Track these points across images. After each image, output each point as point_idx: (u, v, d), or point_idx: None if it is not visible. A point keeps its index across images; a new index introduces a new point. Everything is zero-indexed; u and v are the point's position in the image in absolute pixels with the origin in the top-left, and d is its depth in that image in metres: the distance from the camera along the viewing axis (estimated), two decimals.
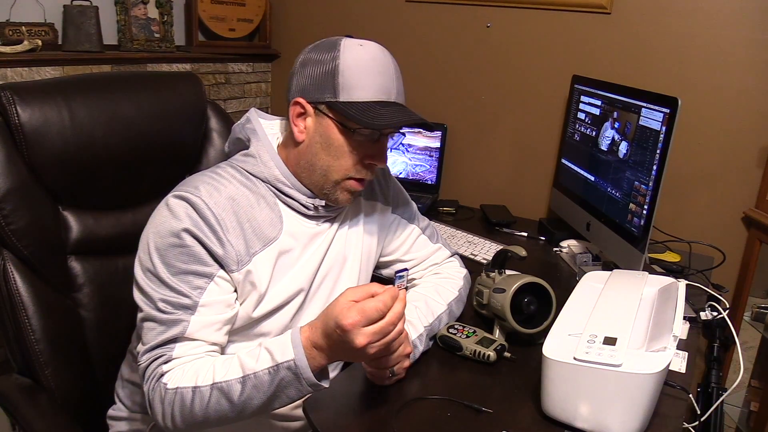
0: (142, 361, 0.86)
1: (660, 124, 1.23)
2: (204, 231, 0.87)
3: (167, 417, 0.84)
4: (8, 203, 0.96)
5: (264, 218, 0.95)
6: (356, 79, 0.90)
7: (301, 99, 0.93)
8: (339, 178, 0.95)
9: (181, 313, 0.86)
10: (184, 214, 0.87)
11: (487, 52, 1.98)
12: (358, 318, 0.76)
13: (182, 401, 0.82)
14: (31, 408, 0.99)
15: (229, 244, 0.89)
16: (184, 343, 0.86)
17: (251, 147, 0.98)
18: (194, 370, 0.84)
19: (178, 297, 0.86)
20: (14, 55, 1.50)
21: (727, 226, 1.73)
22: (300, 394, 0.82)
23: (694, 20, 1.67)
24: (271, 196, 0.97)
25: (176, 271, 0.86)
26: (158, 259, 0.87)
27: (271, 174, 0.96)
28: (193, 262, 0.87)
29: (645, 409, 0.82)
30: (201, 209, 0.88)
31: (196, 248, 0.87)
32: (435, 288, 1.14)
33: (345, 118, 0.91)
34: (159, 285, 0.87)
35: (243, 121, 1.02)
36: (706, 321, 1.27)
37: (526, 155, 1.99)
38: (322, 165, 0.94)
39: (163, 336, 0.85)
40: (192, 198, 0.88)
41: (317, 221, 1.01)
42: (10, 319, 0.99)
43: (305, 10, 2.26)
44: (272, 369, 0.80)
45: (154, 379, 0.85)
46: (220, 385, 0.81)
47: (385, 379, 0.93)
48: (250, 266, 0.91)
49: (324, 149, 0.94)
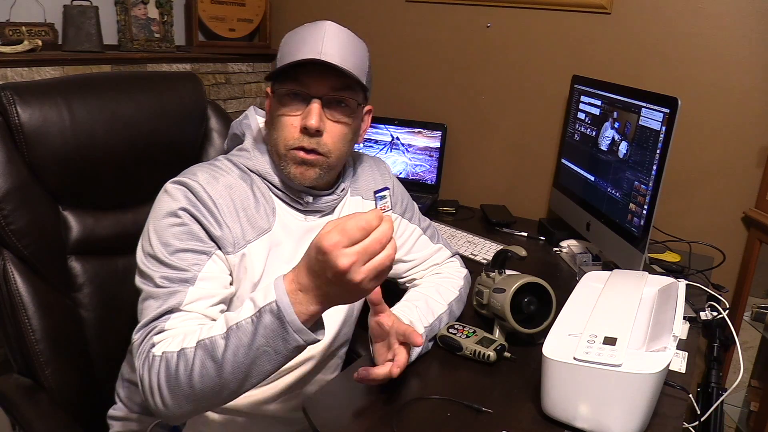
0: (136, 338, 0.83)
1: (660, 124, 1.23)
2: (201, 211, 0.89)
3: (155, 391, 0.77)
4: (8, 203, 0.96)
5: (258, 209, 0.96)
6: (286, 49, 0.93)
7: (267, 88, 0.98)
8: (282, 150, 0.95)
9: (178, 285, 0.85)
10: (181, 196, 0.89)
11: (487, 52, 1.98)
12: (339, 238, 0.66)
13: (167, 367, 0.76)
14: (31, 408, 0.99)
15: (227, 226, 0.91)
16: (178, 314, 0.84)
17: (245, 141, 1.01)
18: (182, 334, 0.80)
19: (177, 272, 0.86)
20: (14, 55, 1.50)
21: (727, 226, 1.73)
22: (288, 346, 0.72)
23: (694, 20, 1.67)
24: (265, 189, 0.99)
25: (174, 250, 0.87)
26: (156, 240, 0.88)
27: (262, 167, 0.98)
28: (191, 239, 0.88)
29: (645, 409, 0.81)
30: (198, 192, 0.90)
31: (193, 227, 0.88)
32: (435, 288, 1.14)
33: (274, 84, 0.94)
34: (158, 265, 0.87)
35: (241, 118, 1.05)
36: (706, 321, 1.26)
37: (526, 155, 1.99)
38: (272, 142, 0.97)
39: (160, 309, 0.83)
40: (189, 182, 0.90)
41: (311, 215, 1.02)
42: (10, 319, 0.99)
43: (305, 10, 2.26)
44: (254, 316, 0.72)
45: (144, 352, 0.80)
46: (203, 342, 0.75)
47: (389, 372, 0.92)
48: (245, 250, 0.93)
49: (272, 125, 0.97)
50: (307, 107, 0.92)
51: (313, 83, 0.91)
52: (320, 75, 0.90)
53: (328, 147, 0.94)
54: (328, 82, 0.92)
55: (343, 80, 0.92)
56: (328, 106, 0.93)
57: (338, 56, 0.90)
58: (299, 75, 0.91)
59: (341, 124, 0.95)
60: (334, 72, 0.90)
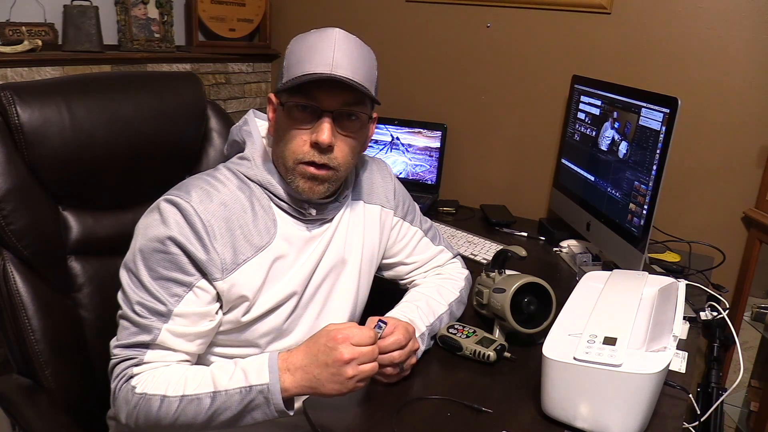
0: (113, 355, 0.88)
1: (660, 124, 1.23)
2: (189, 238, 0.88)
3: (131, 418, 0.85)
4: (8, 203, 0.96)
5: (258, 223, 0.94)
6: (294, 59, 0.90)
7: (271, 94, 0.96)
8: (291, 164, 0.92)
9: (155, 319, 0.87)
10: (172, 221, 0.88)
11: (487, 52, 1.98)
12: (351, 335, 0.81)
13: (148, 408, 0.83)
14: (31, 408, 0.99)
15: (214, 251, 0.89)
16: (155, 350, 0.88)
17: (246, 150, 0.99)
18: (165, 378, 0.85)
19: (154, 302, 0.87)
20: (14, 55, 1.50)
21: (727, 226, 1.73)
22: (265, 417, 0.83)
23: (694, 20, 1.67)
24: (266, 200, 0.97)
25: (156, 276, 0.88)
26: (141, 262, 0.88)
27: (264, 178, 0.96)
28: (174, 270, 0.88)
29: (645, 409, 0.82)
30: (189, 215, 0.89)
31: (179, 257, 0.88)
32: (436, 288, 1.14)
33: (282, 98, 0.92)
34: (138, 287, 0.88)
35: (240, 123, 1.03)
36: (706, 321, 1.27)
37: (526, 155, 1.99)
38: (279, 153, 0.94)
39: (136, 338, 0.87)
40: (182, 204, 0.89)
41: (312, 224, 1.00)
42: (10, 319, 0.99)
43: (305, 10, 2.25)
44: (244, 389, 0.82)
45: (122, 379, 0.86)
46: (189, 397, 0.83)
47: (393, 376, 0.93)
48: (236, 275, 0.91)
49: (278, 137, 0.95)
50: (318, 122, 0.90)
51: (325, 98, 0.89)
52: (332, 90, 0.88)
53: (338, 161, 0.93)
54: (340, 97, 0.89)
55: (355, 95, 0.90)
56: (338, 120, 0.91)
57: (350, 69, 0.88)
58: (311, 88, 0.88)
59: (351, 138, 0.93)
60: (347, 87, 0.88)
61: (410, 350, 0.93)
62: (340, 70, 0.87)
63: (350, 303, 1.06)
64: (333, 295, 1.04)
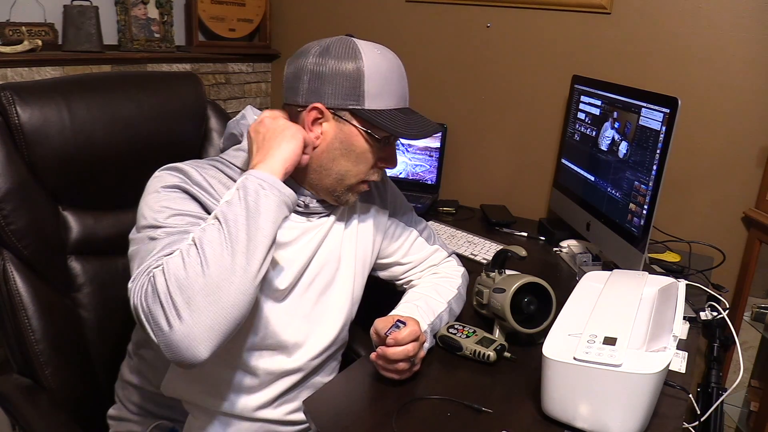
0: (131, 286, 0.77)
1: (660, 124, 1.23)
2: (196, 189, 0.87)
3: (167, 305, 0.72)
4: (8, 203, 0.96)
5: None
6: (380, 87, 0.91)
7: (319, 105, 0.91)
8: (354, 182, 0.97)
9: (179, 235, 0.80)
10: (176, 178, 0.87)
11: (487, 52, 1.98)
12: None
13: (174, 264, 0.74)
14: (31, 408, 0.99)
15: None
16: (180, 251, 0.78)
17: (243, 142, 0.98)
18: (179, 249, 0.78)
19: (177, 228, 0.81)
20: (14, 55, 1.50)
21: (727, 226, 1.73)
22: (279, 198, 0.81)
23: (694, 20, 1.67)
24: None
25: (171, 214, 0.83)
26: (150, 211, 0.83)
27: None
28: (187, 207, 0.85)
29: (645, 409, 0.82)
30: (192, 175, 0.88)
31: (189, 201, 0.86)
32: (434, 287, 1.14)
33: (371, 126, 0.92)
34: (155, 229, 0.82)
35: (238, 117, 1.02)
36: (706, 321, 1.27)
37: (526, 155, 1.99)
38: (339, 170, 0.95)
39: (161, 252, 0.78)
40: (182, 167, 0.89)
41: (307, 217, 1.01)
42: (10, 319, 0.99)
43: (305, 10, 2.26)
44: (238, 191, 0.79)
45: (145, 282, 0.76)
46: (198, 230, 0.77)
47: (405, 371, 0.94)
48: None
49: (344, 155, 0.94)
50: (389, 148, 0.97)
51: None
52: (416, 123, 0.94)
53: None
54: None
55: None
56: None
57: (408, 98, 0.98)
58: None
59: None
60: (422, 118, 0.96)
61: (421, 342, 0.95)
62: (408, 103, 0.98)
63: (346, 302, 1.06)
64: (328, 293, 1.04)
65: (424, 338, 0.96)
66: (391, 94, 0.93)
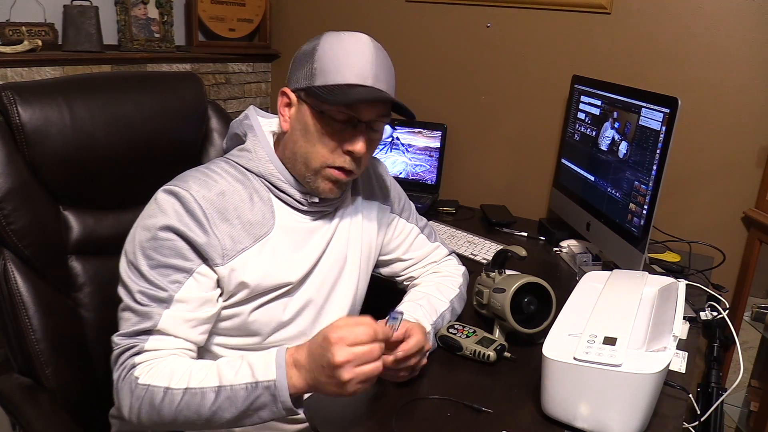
0: (114, 345, 0.86)
1: (660, 124, 1.23)
2: (188, 225, 0.88)
3: (133, 411, 0.82)
4: (9, 203, 0.96)
5: (255, 214, 0.95)
6: (330, 63, 0.90)
7: (286, 88, 0.96)
8: (317, 165, 0.94)
9: (155, 306, 0.86)
10: (171, 210, 0.88)
11: (487, 52, 1.98)
12: (345, 334, 0.76)
13: (152, 399, 0.81)
14: (32, 408, 0.99)
15: (215, 236, 0.89)
16: (157, 336, 0.86)
17: (247, 142, 0.99)
18: (169, 369, 0.83)
19: (155, 290, 0.86)
20: (14, 55, 1.50)
21: (727, 226, 1.73)
22: (273, 416, 0.80)
23: (694, 20, 1.67)
24: (264, 191, 0.97)
25: (156, 264, 0.87)
26: (140, 252, 0.88)
27: (265, 169, 0.97)
28: (174, 256, 0.87)
29: (645, 409, 0.82)
30: (188, 203, 0.89)
31: (177, 243, 0.88)
32: (436, 286, 1.14)
33: (317, 101, 0.91)
34: (138, 277, 0.87)
35: (241, 118, 1.03)
36: (706, 321, 1.27)
37: (526, 155, 1.99)
38: (301, 152, 0.95)
39: (137, 327, 0.85)
40: (180, 192, 0.89)
41: (312, 216, 1.01)
42: (11, 319, 0.99)
43: (305, 10, 2.26)
44: (250, 385, 0.79)
45: (125, 369, 0.84)
46: (193, 390, 0.80)
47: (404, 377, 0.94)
48: (235, 262, 0.91)
49: (302, 136, 0.94)
50: (354, 131, 0.92)
51: (365, 110, 0.91)
52: (372, 102, 0.91)
53: (362, 166, 0.97)
54: (377, 109, 0.92)
55: (388, 106, 0.94)
56: (368, 128, 0.94)
57: (385, 83, 0.92)
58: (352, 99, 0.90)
59: (374, 141, 0.97)
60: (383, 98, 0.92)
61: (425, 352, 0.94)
62: (381, 85, 0.91)
63: (350, 299, 1.07)
64: (335, 290, 1.05)
65: (429, 346, 0.96)
66: (346, 70, 0.89)
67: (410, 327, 0.92)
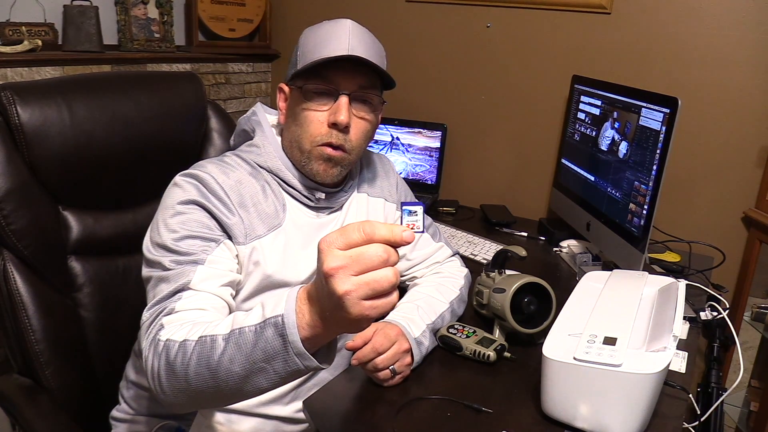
0: (146, 317, 0.80)
1: (660, 124, 1.23)
2: (212, 201, 0.89)
3: (155, 375, 0.73)
4: (8, 203, 0.96)
5: (269, 205, 0.96)
6: (309, 45, 0.93)
7: (281, 83, 0.99)
8: (308, 146, 0.95)
9: (188, 266, 0.84)
10: (192, 188, 0.90)
11: (487, 52, 1.98)
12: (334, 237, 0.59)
13: (167, 356, 0.72)
14: (32, 408, 0.99)
15: (238, 215, 0.91)
16: (189, 293, 0.81)
17: (255, 137, 1.01)
18: (192, 322, 0.76)
19: (186, 256, 0.85)
20: (14, 55, 1.50)
21: (727, 226, 1.73)
22: (286, 368, 0.64)
23: (694, 20, 1.67)
24: (276, 185, 0.99)
25: (182, 236, 0.86)
26: (165, 229, 0.87)
27: (274, 164, 0.98)
28: (200, 228, 0.88)
29: (645, 409, 0.82)
30: (210, 184, 0.90)
31: (202, 217, 0.88)
32: (436, 287, 1.14)
33: (299, 81, 0.93)
34: (166, 252, 0.86)
35: (249, 114, 1.05)
36: (706, 321, 1.26)
37: (526, 155, 1.99)
38: (294, 138, 0.96)
39: (170, 288, 0.82)
40: (200, 174, 0.91)
41: (320, 212, 1.02)
42: (11, 319, 0.99)
43: (305, 10, 2.26)
44: (258, 326, 0.65)
45: (152, 333, 0.76)
46: (204, 338, 0.69)
47: (389, 379, 0.94)
48: (256, 243, 0.93)
49: (294, 121, 0.96)
50: (336, 103, 0.92)
51: (342, 80, 0.92)
52: (349, 72, 0.92)
53: (352, 143, 0.96)
54: (356, 79, 0.93)
55: (370, 78, 0.94)
56: (353, 102, 0.94)
57: (365, 53, 0.91)
58: (328, 72, 0.91)
59: (365, 121, 0.97)
60: (362, 71, 0.92)
61: (396, 352, 0.93)
62: (356, 53, 0.90)
63: None
64: None
65: (404, 346, 0.95)
66: (323, 48, 0.91)
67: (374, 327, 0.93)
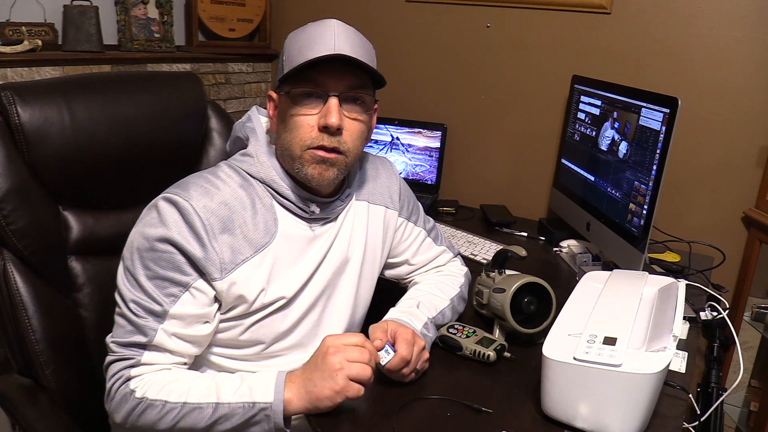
0: (110, 351, 0.88)
1: (660, 124, 1.23)
2: (187, 238, 0.87)
3: (126, 420, 0.85)
4: (8, 203, 0.96)
5: (258, 222, 0.93)
6: (294, 49, 0.91)
7: (270, 91, 0.97)
8: (299, 151, 0.91)
9: (150, 319, 0.86)
10: (170, 220, 0.87)
11: (487, 52, 1.98)
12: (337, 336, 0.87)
13: (148, 412, 0.84)
14: (32, 408, 0.99)
15: (213, 250, 0.88)
16: (152, 351, 0.87)
17: (249, 146, 0.98)
18: (166, 383, 0.85)
19: (150, 302, 0.86)
20: (14, 55, 1.50)
21: (727, 226, 1.73)
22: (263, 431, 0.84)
23: (694, 20, 1.67)
24: (267, 198, 0.96)
25: (153, 275, 0.87)
26: (138, 260, 0.88)
27: (267, 174, 0.95)
28: (171, 269, 0.87)
29: (645, 409, 0.82)
30: (188, 214, 0.87)
31: (176, 256, 0.87)
32: (436, 285, 1.14)
33: (287, 87, 0.92)
34: (134, 286, 0.87)
35: (244, 120, 1.02)
36: (706, 321, 1.27)
37: (526, 155, 1.99)
38: (285, 144, 0.93)
39: (132, 338, 0.87)
40: (181, 202, 0.88)
41: (313, 224, 0.99)
42: (11, 319, 0.99)
43: (305, 10, 2.26)
44: (248, 405, 0.82)
45: (119, 380, 0.86)
46: (191, 405, 0.83)
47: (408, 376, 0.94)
48: (235, 275, 0.90)
49: (284, 127, 0.94)
50: (325, 105, 0.89)
51: (330, 82, 0.89)
52: (337, 73, 0.89)
53: (347, 145, 0.92)
54: (344, 80, 0.90)
55: (359, 77, 0.91)
56: (344, 104, 0.91)
57: (352, 52, 0.89)
58: (315, 74, 0.89)
59: (358, 122, 0.93)
60: (351, 70, 0.89)
61: (417, 354, 0.93)
62: (343, 53, 0.88)
63: (349, 305, 1.05)
64: (333, 295, 1.03)
65: (422, 344, 0.95)
66: (308, 50, 0.88)
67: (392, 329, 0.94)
